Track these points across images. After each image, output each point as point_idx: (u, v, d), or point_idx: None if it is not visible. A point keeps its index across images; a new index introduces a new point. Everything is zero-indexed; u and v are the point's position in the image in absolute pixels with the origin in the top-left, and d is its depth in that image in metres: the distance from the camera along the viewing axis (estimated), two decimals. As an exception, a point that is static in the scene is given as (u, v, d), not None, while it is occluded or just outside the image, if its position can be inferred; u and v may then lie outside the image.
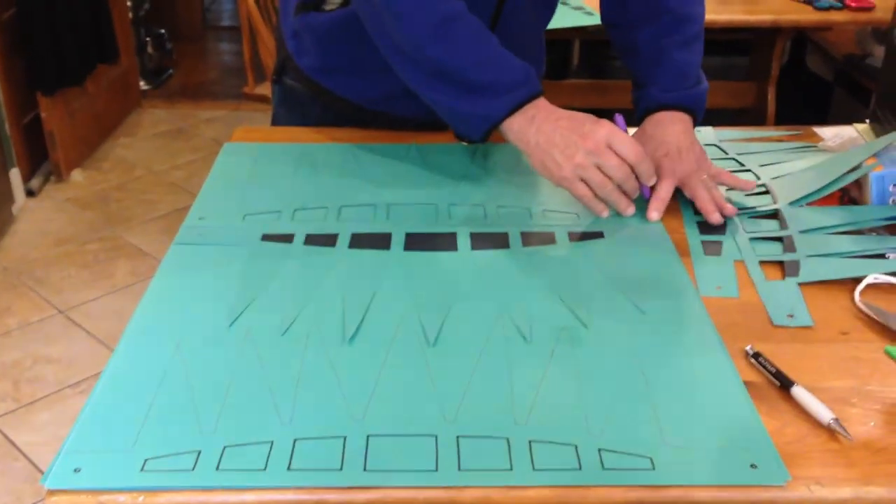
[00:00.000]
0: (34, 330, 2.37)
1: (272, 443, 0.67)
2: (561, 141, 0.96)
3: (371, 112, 1.21)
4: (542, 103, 1.00)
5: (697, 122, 1.10)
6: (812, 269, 0.89)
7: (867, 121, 1.23)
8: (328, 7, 1.14)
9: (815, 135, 1.21)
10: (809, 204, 1.01)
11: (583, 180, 0.97)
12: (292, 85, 1.26)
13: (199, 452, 0.66)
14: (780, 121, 2.73)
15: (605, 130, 0.96)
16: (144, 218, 2.96)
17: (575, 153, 0.95)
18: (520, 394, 0.72)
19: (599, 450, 0.67)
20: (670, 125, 1.07)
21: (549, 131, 0.97)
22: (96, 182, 3.21)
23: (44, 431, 2.01)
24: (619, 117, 1.02)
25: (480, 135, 1.02)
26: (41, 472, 1.86)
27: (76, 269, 2.66)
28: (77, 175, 3.23)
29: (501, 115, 0.99)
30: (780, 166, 1.10)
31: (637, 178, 0.98)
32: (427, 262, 0.91)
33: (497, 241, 0.95)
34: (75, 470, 0.64)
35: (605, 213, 0.99)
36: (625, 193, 0.98)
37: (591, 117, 0.97)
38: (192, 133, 3.65)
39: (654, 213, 1.00)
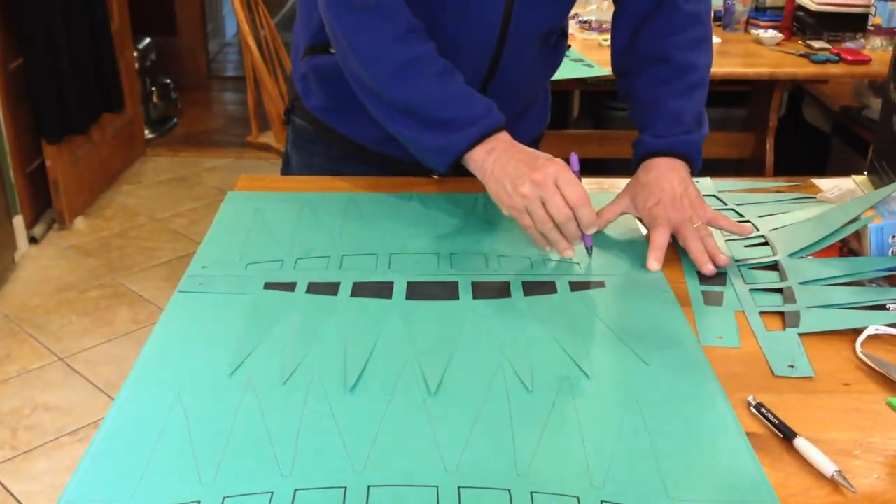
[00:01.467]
0: (33, 377, 2.36)
1: (272, 493, 0.67)
2: (513, 171, 0.99)
3: (373, 153, 1.23)
4: (503, 136, 1.03)
5: (695, 170, 1.11)
6: (812, 320, 0.89)
7: (865, 172, 1.24)
8: (333, 50, 1.16)
9: (813, 186, 1.22)
10: (809, 255, 1.01)
11: (529, 213, 0.98)
12: (301, 124, 1.30)
13: (199, 502, 0.66)
14: (779, 171, 2.75)
15: (554, 168, 0.98)
16: (146, 265, 2.97)
17: (522, 184, 0.98)
18: (521, 444, 0.72)
19: (602, 502, 0.66)
20: (662, 172, 1.08)
21: (504, 162, 1.00)
22: (99, 229, 3.22)
23: (41, 480, 1.99)
24: (573, 156, 1.03)
25: (445, 167, 1.05)
26: (37, 521, 1.84)
27: (77, 316, 2.66)
28: (80, 222, 3.24)
29: (462, 148, 1.03)
30: (779, 217, 1.10)
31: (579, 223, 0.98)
32: (428, 311, 0.91)
33: (498, 290, 0.95)
34: (74, 520, 0.64)
35: (549, 248, 1.01)
36: (568, 236, 0.99)
37: (546, 155, 1.00)
38: (194, 181, 3.67)
39: (654, 262, 1.01)
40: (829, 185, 1.20)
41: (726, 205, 1.16)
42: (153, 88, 4.13)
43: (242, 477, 0.68)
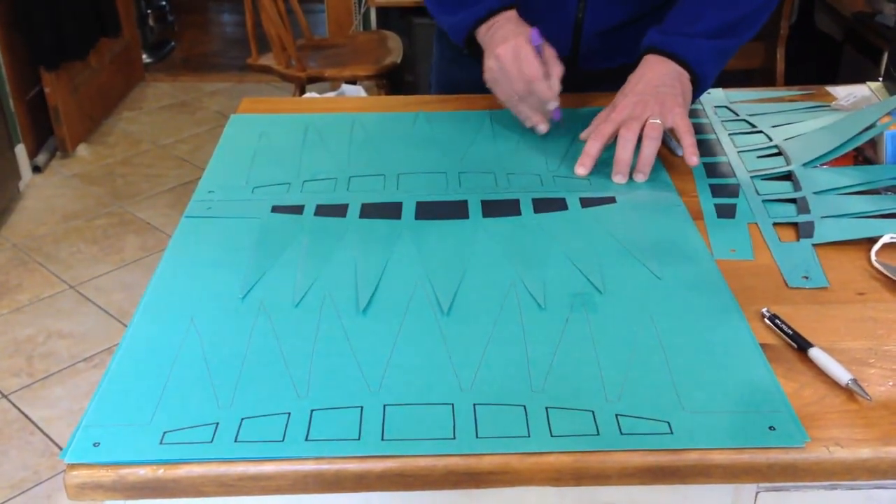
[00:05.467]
0: (46, 305, 2.38)
1: (289, 414, 0.67)
2: (489, 46, 1.06)
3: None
4: (508, 14, 1.08)
5: (700, 80, 1.04)
6: (827, 230, 0.88)
7: (880, 79, 1.21)
8: None
9: (828, 94, 1.20)
10: (823, 164, 0.99)
11: (498, 85, 1.05)
12: None
13: (217, 425, 0.66)
14: (790, 80, 2.71)
15: (514, 42, 1.02)
16: (151, 192, 2.96)
17: (489, 58, 1.05)
18: (535, 361, 0.72)
19: (617, 415, 0.66)
20: (649, 68, 1.03)
21: (492, 37, 1.06)
22: (102, 157, 3.20)
23: (58, 406, 2.02)
24: (534, 31, 1.03)
25: (461, 43, 1.13)
26: (57, 446, 1.88)
27: (85, 244, 2.66)
28: (83, 150, 3.23)
29: (469, 24, 1.10)
30: (793, 126, 1.08)
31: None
32: (438, 231, 0.90)
33: (508, 208, 0.94)
34: (94, 444, 0.64)
35: (528, 124, 1.07)
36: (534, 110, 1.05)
37: (527, 32, 1.04)
38: (196, 106, 3.64)
39: (578, 168, 1.00)
40: (844, 93, 1.18)
41: (738, 116, 1.14)
42: (149, 11, 4.06)
43: (259, 399, 0.68)
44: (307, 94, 2.43)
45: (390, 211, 0.94)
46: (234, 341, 0.75)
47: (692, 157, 0.97)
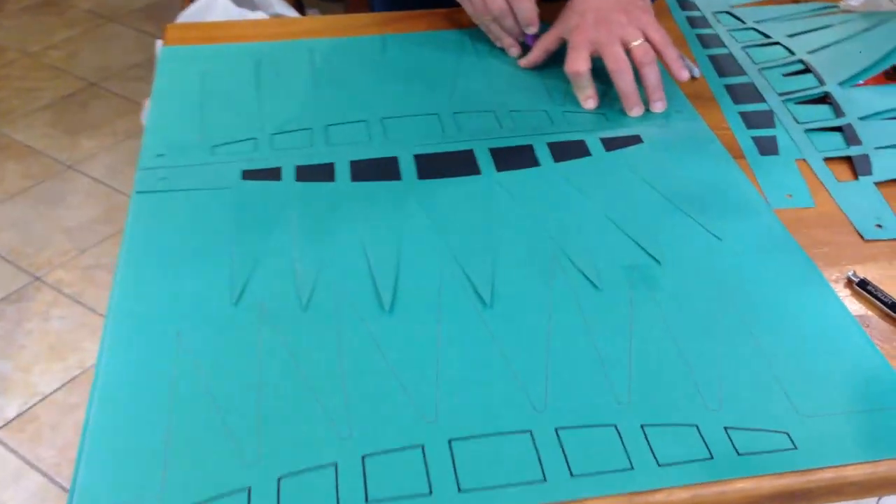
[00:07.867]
0: (-75, 250, 2.11)
1: (336, 465, 0.54)
2: None
3: None
4: None
5: None
6: (886, 165, 0.79)
7: (881, -28, 1.10)
8: None
9: (831, -8, 1.09)
10: (861, 83, 0.89)
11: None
12: None
13: (250, 490, 0.53)
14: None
15: None
16: (26, 109, 2.64)
17: None
18: (609, 360, 0.61)
19: (726, 429, 0.56)
20: None
21: None
22: (-37, 70, 2.84)
23: (-40, 367, 1.81)
24: None
25: None
26: (-32, 415, 1.68)
27: (-40, 175, 2.37)
28: (-61, 64, 2.85)
29: None
30: (813, 36, 0.97)
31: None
32: (450, 193, 0.76)
33: (523, 157, 0.81)
34: (94, 534, 0.50)
35: (499, 44, 0.96)
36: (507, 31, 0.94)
37: None
38: (65, 5, 3.25)
39: (589, 101, 0.87)
40: (849, -9, 1.07)
41: (745, 23, 1.02)
42: None
43: (293, 445, 0.55)
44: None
45: (385, 169, 0.79)
46: (240, 364, 0.60)
47: (682, 71, 0.86)
